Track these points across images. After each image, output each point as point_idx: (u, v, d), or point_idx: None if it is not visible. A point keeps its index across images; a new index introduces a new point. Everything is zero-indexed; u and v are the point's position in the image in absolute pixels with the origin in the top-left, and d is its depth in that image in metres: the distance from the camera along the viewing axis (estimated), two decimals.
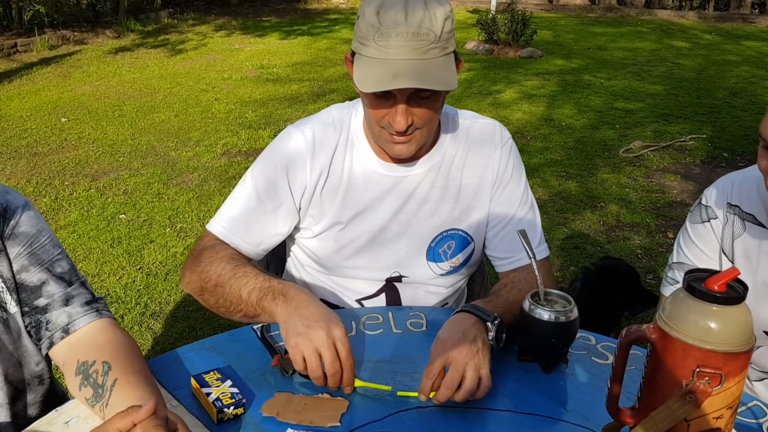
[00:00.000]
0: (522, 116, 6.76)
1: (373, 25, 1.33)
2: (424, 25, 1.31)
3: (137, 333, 3.18)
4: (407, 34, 1.31)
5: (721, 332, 0.91)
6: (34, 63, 8.95)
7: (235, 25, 12.81)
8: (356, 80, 1.36)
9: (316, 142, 1.54)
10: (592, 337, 1.48)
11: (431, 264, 1.63)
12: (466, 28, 11.69)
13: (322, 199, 1.57)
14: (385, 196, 1.57)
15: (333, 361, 1.22)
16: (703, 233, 1.53)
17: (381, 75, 1.32)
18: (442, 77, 1.34)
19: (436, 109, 1.42)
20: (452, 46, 1.39)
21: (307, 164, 1.54)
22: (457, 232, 1.62)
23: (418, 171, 1.56)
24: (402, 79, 1.30)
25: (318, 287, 1.70)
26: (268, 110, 6.97)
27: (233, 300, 1.41)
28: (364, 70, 1.35)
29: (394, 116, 1.38)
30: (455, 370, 1.22)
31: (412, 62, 1.31)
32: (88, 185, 4.92)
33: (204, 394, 1.21)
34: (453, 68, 1.39)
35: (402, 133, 1.39)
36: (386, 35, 1.31)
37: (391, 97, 1.37)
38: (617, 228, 4.33)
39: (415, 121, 1.40)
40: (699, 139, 6.09)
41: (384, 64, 1.32)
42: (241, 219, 1.55)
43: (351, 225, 1.58)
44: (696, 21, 14.02)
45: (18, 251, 1.27)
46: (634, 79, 8.51)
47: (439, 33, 1.33)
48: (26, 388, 1.35)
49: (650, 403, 0.99)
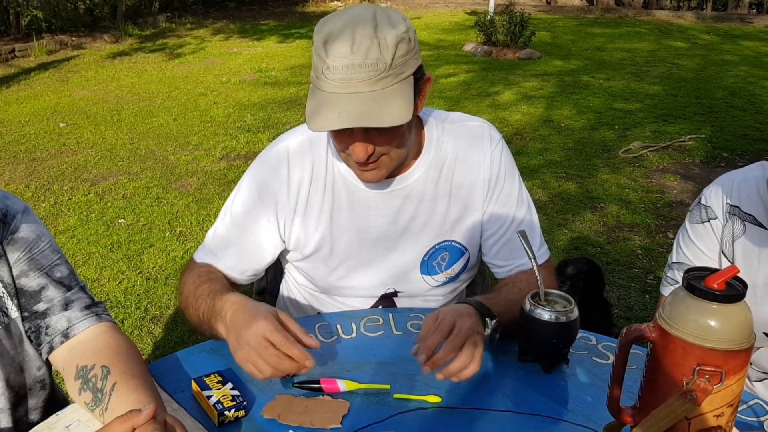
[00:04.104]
0: (521, 117, 6.76)
1: (320, 56, 1.27)
2: (371, 55, 1.23)
3: (137, 337, 3.17)
4: (353, 67, 1.23)
5: (721, 330, 0.91)
6: (32, 68, 8.95)
7: (233, 29, 12.82)
8: (306, 116, 1.30)
9: (291, 160, 1.50)
10: (593, 337, 1.48)
11: (426, 277, 1.60)
12: (464, 30, 11.71)
13: (306, 221, 1.53)
14: (371, 214, 1.53)
15: (270, 356, 1.18)
16: (703, 233, 1.53)
17: (326, 113, 1.26)
18: (390, 111, 1.26)
19: (399, 133, 1.35)
20: (410, 69, 1.30)
21: (285, 187, 1.50)
22: (450, 243, 1.58)
23: (405, 184, 1.51)
24: (346, 117, 1.24)
25: (315, 303, 1.68)
26: (267, 113, 6.97)
27: (198, 323, 1.41)
28: (312, 106, 1.30)
29: (353, 148, 1.33)
30: (457, 336, 1.22)
31: (358, 96, 1.25)
32: (87, 190, 4.92)
33: (205, 396, 1.21)
34: (408, 96, 1.29)
35: (365, 162, 1.35)
36: (333, 68, 1.25)
37: (349, 129, 1.31)
38: (617, 228, 4.33)
39: (378, 149, 1.34)
40: (698, 139, 6.09)
41: (330, 100, 1.26)
42: (223, 249, 1.52)
43: (339, 245, 1.55)
44: (694, 21, 14.03)
45: (18, 256, 1.27)
46: (632, 79, 8.51)
47: (389, 61, 1.25)
48: (28, 393, 1.35)
49: (651, 402, 0.99)
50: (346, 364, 1.36)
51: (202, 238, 1.59)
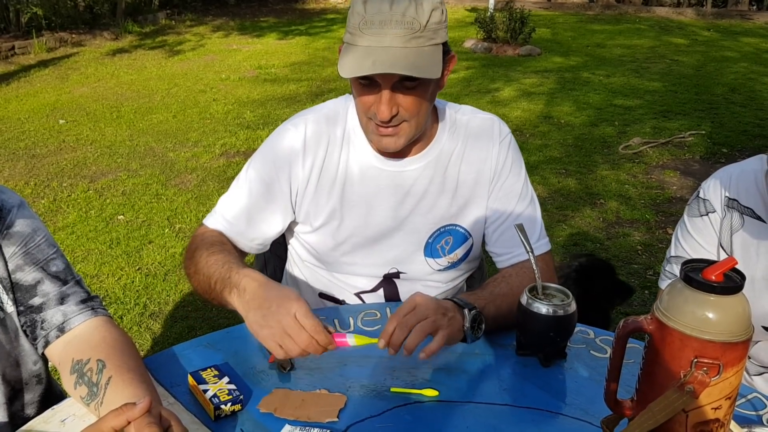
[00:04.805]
0: (521, 114, 6.75)
1: (359, 14, 1.34)
2: (408, 14, 1.32)
3: (136, 333, 3.17)
4: (390, 23, 1.32)
5: (719, 322, 0.91)
6: (32, 65, 8.95)
7: (233, 26, 12.81)
8: (339, 66, 1.36)
9: (309, 137, 1.54)
10: (591, 331, 1.47)
11: (429, 260, 1.63)
12: (464, 27, 11.69)
13: (318, 194, 1.57)
14: (381, 192, 1.57)
15: (302, 338, 1.20)
16: (702, 227, 1.52)
17: (360, 61, 1.32)
18: (422, 66, 1.33)
19: (423, 99, 1.40)
20: (441, 38, 1.38)
21: (300, 159, 1.54)
22: (455, 227, 1.61)
23: (416, 166, 1.55)
24: (380, 65, 1.31)
25: (318, 281, 1.70)
26: (267, 110, 6.96)
27: (207, 289, 1.41)
28: (346, 57, 1.36)
29: (378, 105, 1.38)
30: (414, 315, 1.23)
31: (393, 50, 1.32)
32: (87, 186, 4.92)
33: (201, 390, 1.21)
34: (438, 59, 1.37)
35: (387, 123, 1.39)
36: (370, 23, 1.33)
37: (376, 85, 1.36)
38: (617, 224, 4.33)
39: (401, 112, 1.39)
40: (698, 135, 6.08)
41: (365, 51, 1.33)
42: (236, 215, 1.55)
43: (347, 220, 1.58)
44: (694, 18, 14.00)
45: (13, 251, 1.26)
46: (632, 76, 8.50)
47: (424, 23, 1.33)
48: (24, 387, 1.35)
49: (649, 394, 0.98)
50: (342, 359, 1.36)
51: None
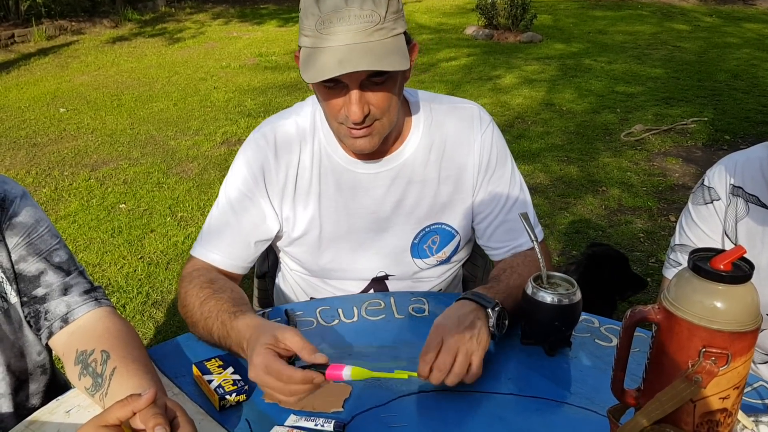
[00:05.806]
0: (522, 101, 6.73)
1: (313, 14, 1.26)
2: (366, 6, 1.24)
3: (139, 322, 3.17)
4: (349, 18, 1.24)
5: (728, 311, 0.90)
6: (32, 54, 8.92)
7: (233, 13, 12.75)
8: (302, 72, 1.29)
9: (279, 142, 1.49)
10: (596, 320, 1.47)
11: (417, 260, 1.59)
12: (465, 14, 11.62)
13: (296, 201, 1.52)
14: (359, 197, 1.52)
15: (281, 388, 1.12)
16: (706, 215, 1.51)
17: (325, 63, 1.25)
18: (390, 58, 1.26)
19: (392, 94, 1.34)
20: (401, 27, 1.31)
21: (273, 165, 1.49)
22: (441, 226, 1.57)
23: (392, 166, 1.50)
24: (348, 63, 1.23)
25: (309, 287, 1.67)
26: (267, 98, 6.94)
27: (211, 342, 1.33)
28: (309, 61, 1.28)
29: (349, 107, 1.31)
30: (447, 353, 1.20)
31: (356, 46, 1.25)
32: (88, 175, 4.91)
33: (206, 381, 1.20)
34: (404, 49, 1.30)
35: (360, 124, 1.33)
36: (327, 22, 1.25)
37: (343, 87, 1.30)
38: (619, 212, 4.32)
39: (372, 110, 1.33)
40: (700, 122, 6.06)
41: (327, 51, 1.25)
42: (218, 235, 1.50)
43: (327, 226, 1.53)
44: (696, 3, 13.92)
45: (16, 241, 1.26)
46: (634, 62, 8.46)
47: (383, 14, 1.26)
48: (29, 378, 1.35)
49: (656, 384, 0.98)
50: (347, 348, 1.36)
51: (203, 223, 1.58)
